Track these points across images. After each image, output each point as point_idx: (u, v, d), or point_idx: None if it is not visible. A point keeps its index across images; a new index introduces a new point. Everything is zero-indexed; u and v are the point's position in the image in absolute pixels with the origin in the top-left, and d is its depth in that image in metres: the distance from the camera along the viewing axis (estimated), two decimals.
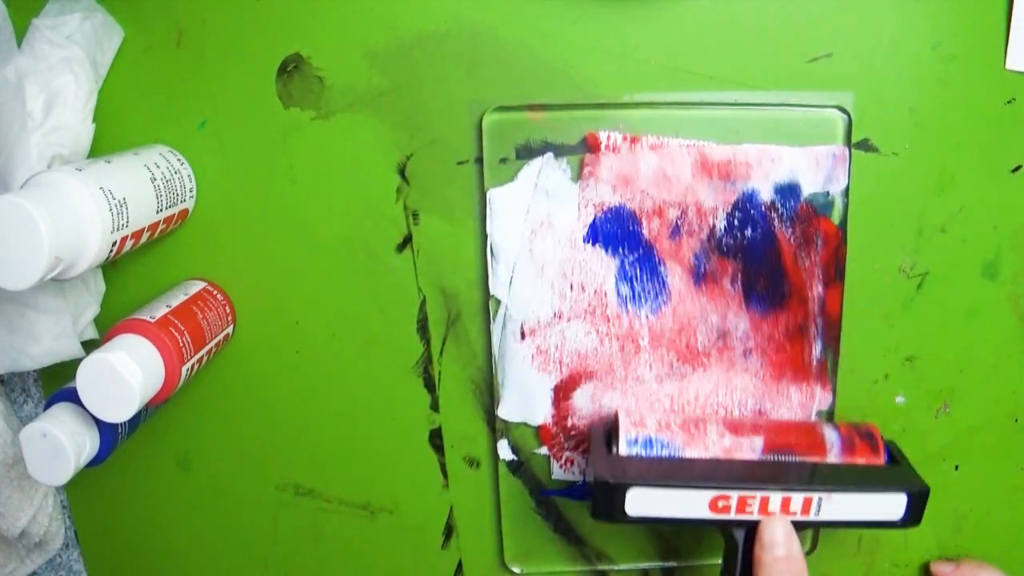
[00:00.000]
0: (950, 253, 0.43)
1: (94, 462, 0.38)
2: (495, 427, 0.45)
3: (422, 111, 0.42)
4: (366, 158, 0.42)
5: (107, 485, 0.48)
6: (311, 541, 0.48)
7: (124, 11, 0.41)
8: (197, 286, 0.43)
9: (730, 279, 0.43)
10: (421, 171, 0.42)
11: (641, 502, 0.37)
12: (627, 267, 0.43)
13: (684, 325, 0.43)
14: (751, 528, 0.38)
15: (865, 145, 0.42)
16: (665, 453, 0.39)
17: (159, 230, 0.39)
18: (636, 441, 0.40)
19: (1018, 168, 0.42)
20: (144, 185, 0.38)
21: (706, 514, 0.38)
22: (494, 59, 0.41)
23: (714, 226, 0.42)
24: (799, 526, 0.38)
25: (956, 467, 0.46)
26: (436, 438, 0.46)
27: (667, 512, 0.38)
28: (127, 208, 0.35)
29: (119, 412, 0.35)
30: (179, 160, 0.42)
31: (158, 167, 0.39)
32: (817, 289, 0.43)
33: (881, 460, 0.40)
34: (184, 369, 0.38)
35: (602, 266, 0.43)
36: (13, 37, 0.37)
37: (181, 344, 0.38)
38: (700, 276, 0.43)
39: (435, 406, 0.46)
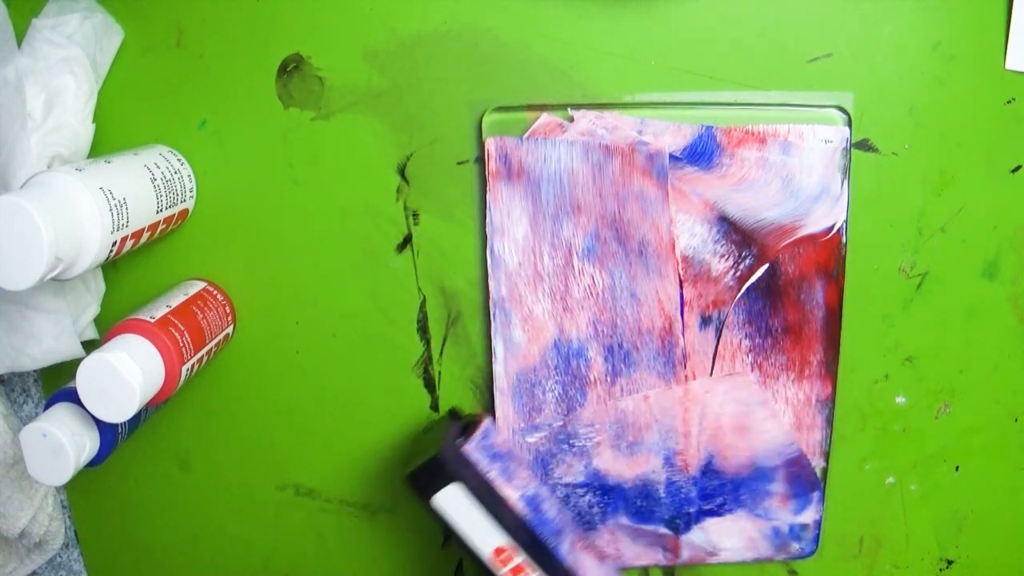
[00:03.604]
0: (950, 253, 0.43)
1: (94, 462, 0.38)
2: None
3: (422, 111, 0.42)
4: (366, 158, 0.42)
5: (107, 485, 0.48)
6: (311, 541, 0.48)
7: (124, 11, 0.41)
8: (197, 286, 0.43)
9: (730, 278, 0.43)
10: (421, 171, 0.42)
11: (452, 502, 0.39)
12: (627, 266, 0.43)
13: (682, 322, 0.43)
14: None
15: (865, 145, 0.42)
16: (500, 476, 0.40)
17: (159, 230, 0.39)
18: (488, 452, 0.40)
19: (1018, 168, 0.42)
20: (144, 185, 0.38)
21: (485, 554, 0.39)
22: (494, 59, 0.41)
23: (713, 228, 0.42)
24: None
25: (956, 467, 0.46)
26: None
27: (462, 526, 0.39)
28: (127, 208, 0.35)
29: (119, 412, 0.35)
30: (179, 160, 0.42)
31: (158, 167, 0.39)
32: (817, 288, 0.43)
33: None
34: (184, 369, 0.38)
35: (603, 266, 0.43)
36: (13, 37, 0.37)
37: (181, 344, 0.38)
38: (699, 276, 0.43)
39: (435, 406, 0.46)
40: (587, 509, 0.46)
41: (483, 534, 0.39)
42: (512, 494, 0.40)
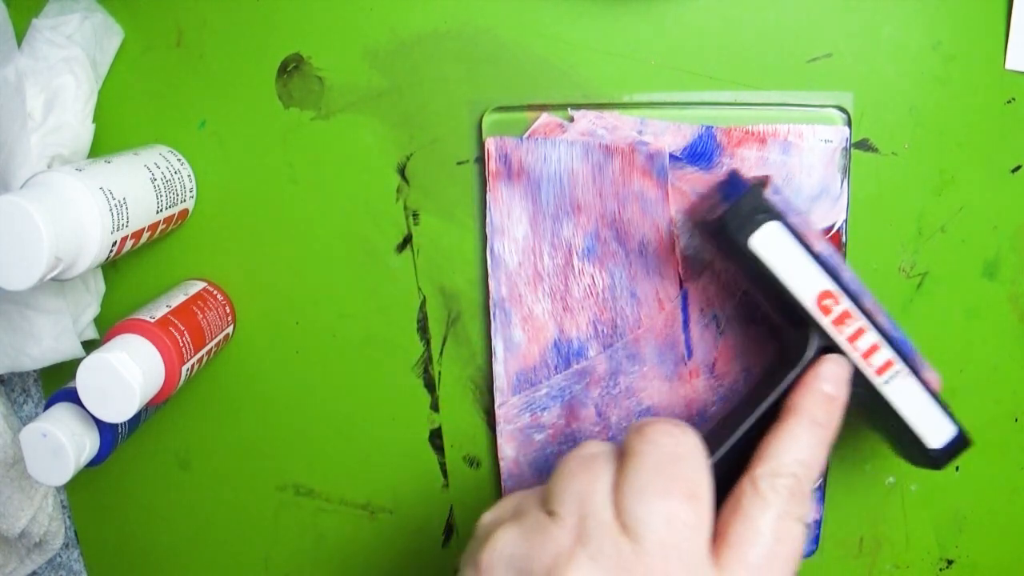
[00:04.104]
0: (950, 253, 0.43)
1: (94, 462, 0.38)
2: (495, 427, 0.45)
3: (422, 111, 0.42)
4: (366, 158, 0.42)
5: (107, 485, 0.48)
6: (311, 541, 0.48)
7: (124, 11, 0.41)
8: (197, 286, 0.43)
9: (728, 277, 0.43)
10: (421, 171, 0.42)
11: (770, 241, 0.35)
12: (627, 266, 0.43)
13: (682, 322, 0.43)
14: (824, 349, 0.35)
15: (865, 145, 0.42)
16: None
17: (159, 230, 0.39)
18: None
19: (1018, 168, 0.42)
20: (144, 185, 0.38)
21: (808, 300, 0.35)
22: (494, 59, 0.41)
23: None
24: (855, 390, 0.35)
25: (956, 468, 0.46)
26: (436, 438, 0.46)
27: (781, 269, 0.35)
28: (127, 208, 0.36)
29: (119, 412, 0.35)
30: (179, 160, 0.42)
31: (158, 167, 0.39)
32: None
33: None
34: (184, 369, 0.38)
35: (603, 266, 0.43)
36: (13, 37, 0.37)
37: (181, 344, 0.38)
38: (700, 276, 0.43)
39: (435, 406, 0.46)
40: None
41: (807, 276, 0.35)
42: (823, 246, 0.36)
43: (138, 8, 0.41)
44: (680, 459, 0.28)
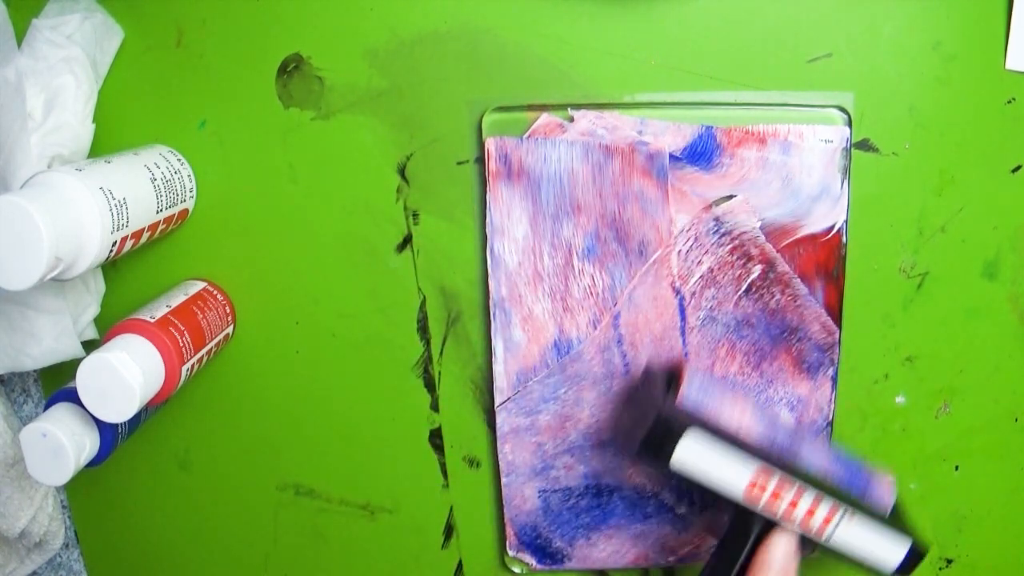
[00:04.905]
0: (950, 253, 0.43)
1: (94, 462, 0.38)
2: (495, 427, 0.45)
3: (422, 111, 0.42)
4: (366, 158, 0.42)
5: (107, 485, 0.48)
6: (311, 541, 0.48)
7: (124, 11, 0.41)
8: (197, 286, 0.43)
9: (728, 279, 0.43)
10: (421, 171, 0.42)
11: (686, 459, 0.37)
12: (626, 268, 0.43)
13: (682, 322, 0.43)
14: (767, 526, 0.38)
15: (865, 145, 0.42)
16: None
17: (159, 230, 0.39)
18: (702, 392, 0.38)
19: (1018, 168, 0.42)
20: (144, 185, 0.38)
21: (738, 495, 0.37)
22: (494, 59, 0.41)
23: (712, 228, 0.42)
24: (805, 545, 0.38)
25: (956, 467, 0.46)
26: (436, 438, 0.46)
27: (704, 477, 0.37)
28: (127, 208, 0.36)
29: (119, 412, 0.35)
30: (179, 160, 0.42)
31: (158, 167, 0.39)
32: (817, 288, 0.43)
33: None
34: (184, 369, 0.38)
35: (603, 266, 0.43)
36: (13, 37, 0.37)
37: (181, 344, 0.38)
38: (698, 276, 0.43)
39: (435, 406, 0.46)
40: (587, 510, 0.46)
41: (731, 476, 0.37)
42: (740, 418, 0.38)
43: (138, 8, 0.41)
44: None
